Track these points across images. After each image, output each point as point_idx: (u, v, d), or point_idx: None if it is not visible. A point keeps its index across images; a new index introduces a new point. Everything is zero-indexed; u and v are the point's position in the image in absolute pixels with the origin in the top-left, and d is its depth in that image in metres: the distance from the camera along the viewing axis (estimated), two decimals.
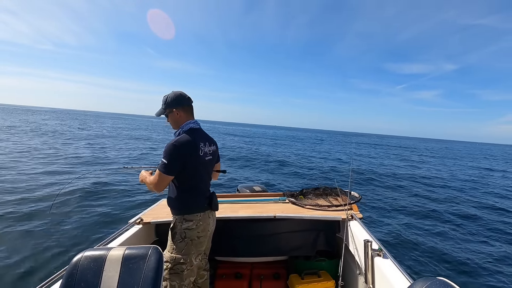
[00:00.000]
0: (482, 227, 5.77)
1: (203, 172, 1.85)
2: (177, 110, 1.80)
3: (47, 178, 7.65)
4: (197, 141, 1.75)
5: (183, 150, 1.67)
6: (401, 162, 14.81)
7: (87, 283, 1.28)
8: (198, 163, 1.76)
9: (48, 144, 14.23)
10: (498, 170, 17.80)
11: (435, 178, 11.05)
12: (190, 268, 1.76)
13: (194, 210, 1.78)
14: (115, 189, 7.03)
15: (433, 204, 7.30)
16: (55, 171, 8.52)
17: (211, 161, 1.91)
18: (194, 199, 1.80)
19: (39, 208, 5.41)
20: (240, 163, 12.72)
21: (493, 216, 6.63)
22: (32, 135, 18.49)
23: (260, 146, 23.04)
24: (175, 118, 1.81)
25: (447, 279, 1.00)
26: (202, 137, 1.83)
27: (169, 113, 1.82)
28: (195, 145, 1.73)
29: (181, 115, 1.81)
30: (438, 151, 34.78)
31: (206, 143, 1.84)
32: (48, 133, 20.61)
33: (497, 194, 9.41)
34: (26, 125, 26.15)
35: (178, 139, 1.70)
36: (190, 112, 1.86)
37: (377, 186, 8.93)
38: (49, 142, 15.07)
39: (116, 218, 5.23)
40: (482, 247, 4.85)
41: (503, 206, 7.57)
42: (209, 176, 1.95)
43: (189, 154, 1.70)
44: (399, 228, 5.42)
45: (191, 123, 1.81)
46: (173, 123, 1.84)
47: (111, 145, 16.55)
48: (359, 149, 23.09)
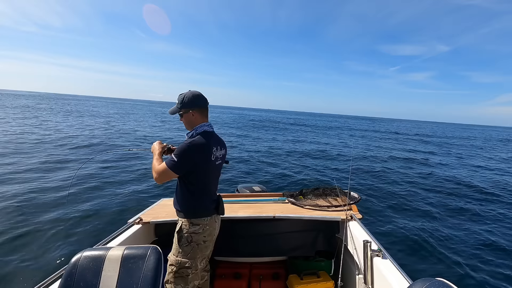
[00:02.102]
0: (483, 227, 5.78)
1: (213, 176, 1.84)
2: (193, 111, 1.76)
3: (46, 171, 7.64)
4: (211, 145, 1.73)
5: (196, 152, 1.66)
6: (402, 157, 14.83)
7: (86, 282, 1.28)
8: (209, 167, 1.75)
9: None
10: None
11: (438, 176, 11.07)
12: (195, 272, 1.76)
13: (201, 214, 1.77)
14: (115, 188, 7.02)
15: (433, 203, 7.31)
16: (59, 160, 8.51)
17: (220, 165, 1.90)
18: (202, 203, 1.79)
19: (38, 206, 5.41)
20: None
21: (494, 216, 6.64)
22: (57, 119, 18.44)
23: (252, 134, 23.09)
24: (190, 119, 1.78)
25: (446, 279, 1.00)
26: (215, 141, 1.81)
27: (184, 113, 1.78)
28: (209, 149, 1.71)
29: (197, 116, 1.78)
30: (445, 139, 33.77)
31: (218, 147, 1.82)
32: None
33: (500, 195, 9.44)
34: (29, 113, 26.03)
35: (193, 140, 1.68)
36: (205, 114, 1.83)
37: (377, 186, 8.95)
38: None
39: (115, 217, 5.23)
40: (482, 247, 4.86)
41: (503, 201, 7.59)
42: (217, 180, 1.95)
43: (201, 157, 1.68)
44: (399, 228, 5.42)
45: (205, 125, 1.78)
46: (187, 123, 1.81)
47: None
48: (357, 142, 23.04)
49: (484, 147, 26.40)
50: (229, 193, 3.33)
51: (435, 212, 6.63)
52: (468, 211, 6.91)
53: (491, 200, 8.00)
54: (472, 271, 4.08)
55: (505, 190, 9.48)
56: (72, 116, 28.48)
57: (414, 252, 4.54)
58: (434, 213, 6.56)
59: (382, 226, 5.52)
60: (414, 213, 6.52)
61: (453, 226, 5.82)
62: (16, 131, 14.96)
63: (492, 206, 7.47)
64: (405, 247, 4.68)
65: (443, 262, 4.30)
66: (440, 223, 5.90)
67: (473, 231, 5.56)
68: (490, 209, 7.18)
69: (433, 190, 8.89)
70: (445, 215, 6.48)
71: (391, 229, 5.38)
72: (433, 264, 4.24)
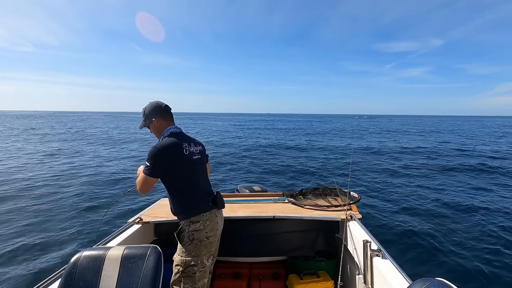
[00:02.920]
0: (483, 227, 5.78)
1: (195, 171, 1.85)
2: (157, 119, 1.86)
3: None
4: (180, 141, 1.79)
5: (165, 151, 1.72)
6: (402, 158, 14.82)
7: (86, 282, 1.28)
8: (186, 162, 1.78)
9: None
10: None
11: (439, 176, 11.07)
12: (202, 269, 1.76)
13: (198, 210, 1.78)
14: (114, 187, 7.02)
15: (433, 204, 7.31)
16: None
17: (200, 160, 1.92)
18: (195, 200, 1.80)
19: (41, 206, 5.41)
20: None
21: (495, 214, 6.64)
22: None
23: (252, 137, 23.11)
24: (156, 127, 1.87)
25: (446, 280, 1.00)
26: (185, 138, 1.86)
27: (149, 124, 1.89)
28: (177, 144, 1.76)
29: (161, 123, 1.86)
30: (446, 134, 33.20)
31: (191, 143, 1.87)
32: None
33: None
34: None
35: (159, 142, 1.77)
36: (170, 119, 1.91)
37: (377, 185, 8.95)
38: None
39: (115, 217, 5.23)
40: (482, 248, 4.85)
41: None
42: (204, 176, 1.96)
43: (172, 154, 1.73)
44: (399, 228, 5.43)
45: (171, 128, 1.87)
46: (155, 132, 1.90)
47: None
48: (357, 142, 23.02)
49: (487, 139, 25.57)
50: (229, 193, 3.33)
51: (435, 212, 6.63)
52: (469, 211, 6.91)
53: (492, 200, 8.00)
54: (472, 271, 4.08)
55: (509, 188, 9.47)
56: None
57: (414, 252, 4.53)
58: (434, 213, 6.55)
59: (382, 226, 5.52)
60: (414, 213, 6.51)
61: (454, 226, 5.81)
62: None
63: (493, 206, 7.46)
64: (405, 247, 4.68)
65: (443, 262, 4.30)
66: (440, 223, 5.90)
67: (473, 231, 5.56)
68: (491, 209, 7.18)
69: (433, 190, 8.88)
70: (445, 215, 6.48)
71: (391, 229, 5.38)
72: (433, 264, 4.24)
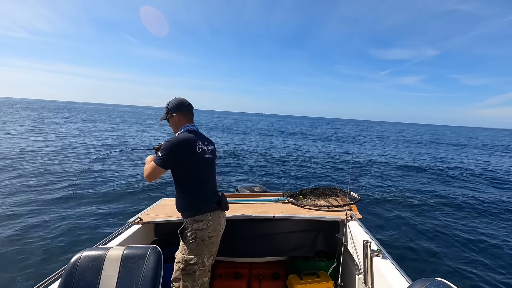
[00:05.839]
0: (483, 227, 5.78)
1: (205, 170, 1.89)
2: (177, 115, 1.93)
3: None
4: (195, 139, 1.84)
5: (180, 146, 1.77)
6: (402, 158, 14.81)
7: (86, 282, 1.28)
8: (197, 159, 1.82)
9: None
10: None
11: (439, 175, 11.07)
12: (202, 268, 1.78)
13: (203, 210, 1.81)
14: (114, 187, 7.03)
15: (433, 204, 7.31)
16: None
17: (211, 160, 1.96)
18: (202, 199, 1.83)
19: (37, 204, 5.41)
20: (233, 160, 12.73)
21: (495, 216, 6.64)
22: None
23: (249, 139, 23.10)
24: (175, 122, 1.95)
25: (446, 280, 1.00)
26: (199, 136, 1.91)
27: (170, 118, 1.96)
28: (191, 141, 1.82)
29: (181, 119, 1.94)
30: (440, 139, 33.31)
31: (205, 142, 1.92)
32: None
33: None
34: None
35: (175, 136, 1.86)
36: (190, 117, 1.98)
37: (377, 186, 8.94)
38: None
39: (115, 217, 5.23)
40: (482, 248, 4.85)
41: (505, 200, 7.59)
42: (213, 176, 2.00)
43: (185, 150, 1.78)
44: (399, 228, 5.43)
45: (188, 125, 1.94)
46: (173, 126, 1.98)
47: None
48: (357, 143, 23.05)
49: (480, 150, 25.52)
50: (229, 193, 3.33)
51: (435, 212, 6.63)
52: (469, 211, 6.91)
53: (492, 201, 7.99)
54: (472, 271, 4.08)
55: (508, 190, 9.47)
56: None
57: (414, 252, 4.53)
58: (435, 213, 6.56)
59: (382, 226, 5.52)
60: (414, 213, 6.52)
61: (454, 226, 5.81)
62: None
63: (493, 206, 7.46)
64: (405, 247, 4.68)
65: (443, 262, 4.29)
66: (440, 223, 5.90)
67: (473, 232, 5.56)
68: (492, 210, 7.18)
69: (433, 190, 8.88)
70: (445, 215, 6.48)
71: (391, 229, 5.38)
72: (433, 264, 4.24)
